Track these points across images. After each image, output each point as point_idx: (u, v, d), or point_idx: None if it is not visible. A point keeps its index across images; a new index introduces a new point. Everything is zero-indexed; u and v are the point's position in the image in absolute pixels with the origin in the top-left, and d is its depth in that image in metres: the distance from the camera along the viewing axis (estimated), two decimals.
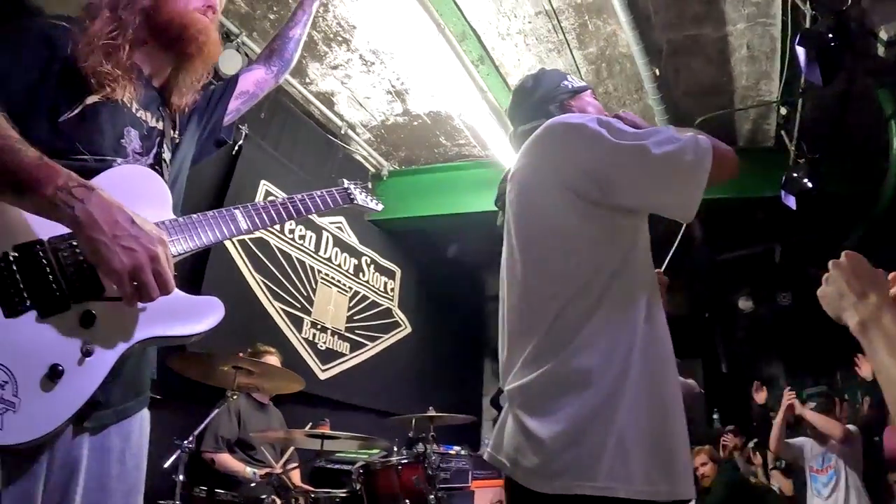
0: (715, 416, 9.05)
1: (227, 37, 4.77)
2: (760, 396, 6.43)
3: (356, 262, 6.61)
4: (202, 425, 3.52)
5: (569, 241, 1.58)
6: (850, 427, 5.22)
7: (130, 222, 1.18)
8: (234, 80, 2.00)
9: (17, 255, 1.18)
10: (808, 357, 9.96)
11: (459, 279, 8.89)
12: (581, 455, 1.37)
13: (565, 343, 1.48)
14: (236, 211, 1.60)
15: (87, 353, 1.20)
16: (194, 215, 1.50)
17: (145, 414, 1.55)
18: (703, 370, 8.80)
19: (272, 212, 1.71)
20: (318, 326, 5.86)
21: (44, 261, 1.20)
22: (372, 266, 6.87)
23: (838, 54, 4.28)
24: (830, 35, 4.22)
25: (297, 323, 5.61)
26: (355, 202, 2.11)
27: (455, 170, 7.15)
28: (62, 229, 1.20)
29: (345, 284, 6.34)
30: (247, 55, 4.87)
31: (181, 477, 3.21)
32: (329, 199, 1.93)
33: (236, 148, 5.20)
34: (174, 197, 1.55)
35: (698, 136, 1.57)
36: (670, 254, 3.01)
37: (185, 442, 3.27)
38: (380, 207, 2.26)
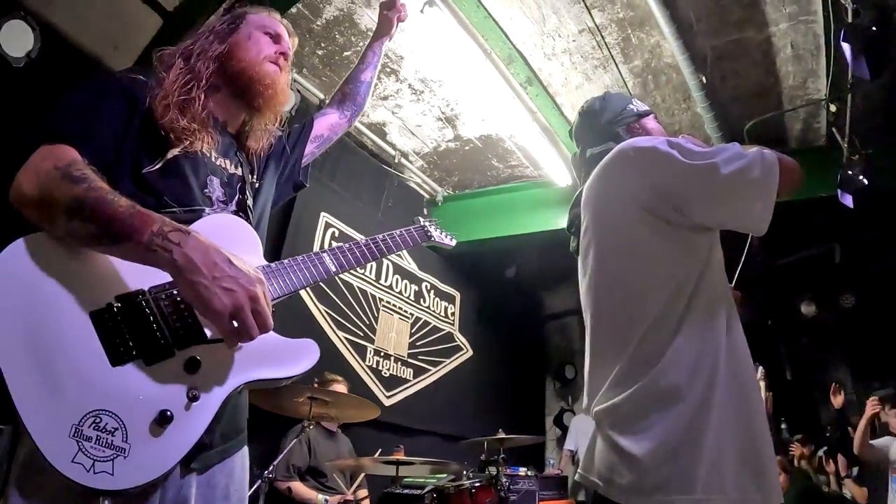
0: (783, 426, 8.80)
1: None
2: (837, 400, 6.26)
3: (416, 288, 6.67)
4: (280, 455, 3.57)
5: (648, 261, 1.61)
6: None
7: (229, 263, 1.21)
8: (309, 123, 2.05)
9: (120, 305, 1.20)
10: (875, 359, 9.63)
11: (518, 299, 8.89)
12: (677, 469, 1.39)
13: (652, 363, 1.51)
14: (324, 255, 1.64)
15: (193, 399, 1.23)
16: (285, 260, 1.54)
17: (245, 451, 1.60)
18: (768, 377, 8.59)
19: (357, 253, 1.75)
20: (382, 354, 5.91)
21: (146, 310, 1.22)
22: (432, 291, 6.91)
23: (884, 46, 4.21)
24: (874, 28, 4.15)
25: (361, 351, 5.67)
26: (433, 239, 2.17)
27: (509, 191, 7.17)
28: (161, 278, 1.23)
29: (406, 311, 6.39)
30: (299, 91, 4.98)
31: None
32: (409, 238, 1.99)
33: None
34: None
35: (763, 151, 1.60)
36: (738, 269, 2.98)
37: (266, 472, 3.32)
38: (453, 243, 2.34)
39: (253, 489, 3.30)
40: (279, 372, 1.40)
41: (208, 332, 1.27)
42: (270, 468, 3.37)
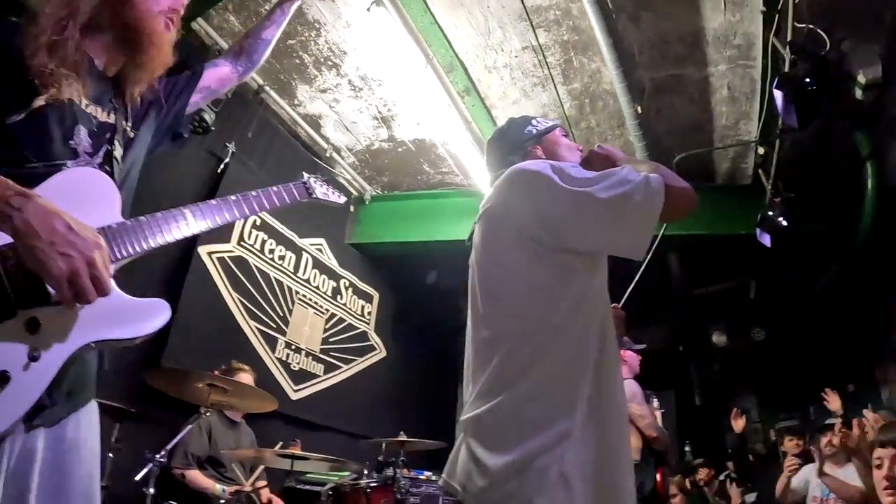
0: (686, 449, 9.11)
1: (218, 54, 4.85)
2: (738, 424, 6.54)
3: (335, 284, 6.67)
4: (174, 441, 3.55)
5: (522, 282, 1.67)
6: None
7: (67, 228, 1.21)
8: (198, 73, 1.96)
9: None
10: (781, 391, 10.08)
11: (435, 306, 8.95)
12: (525, 484, 1.45)
13: (514, 381, 1.57)
14: (186, 210, 1.59)
15: (33, 359, 1.22)
16: (143, 217, 1.50)
17: (94, 405, 1.54)
18: (676, 402, 8.89)
19: (224, 210, 1.69)
20: (293, 347, 5.89)
21: None
22: (350, 289, 6.93)
23: (816, 98, 4.40)
24: (808, 79, 4.34)
25: (272, 342, 5.65)
26: (314, 196, 2.12)
27: (437, 197, 7.27)
28: (7, 239, 1.22)
29: (322, 306, 6.39)
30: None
31: (152, 490, 3.24)
32: (286, 195, 1.92)
33: (222, 166, 5.26)
34: (125, 194, 1.55)
35: (650, 176, 1.64)
36: (628, 291, 3.12)
37: (157, 456, 3.30)
38: (342, 200, 2.28)
39: (142, 473, 3.28)
40: (125, 332, 1.38)
41: (52, 294, 1.26)
42: (162, 452, 3.34)
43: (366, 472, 4.72)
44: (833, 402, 5.80)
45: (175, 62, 1.69)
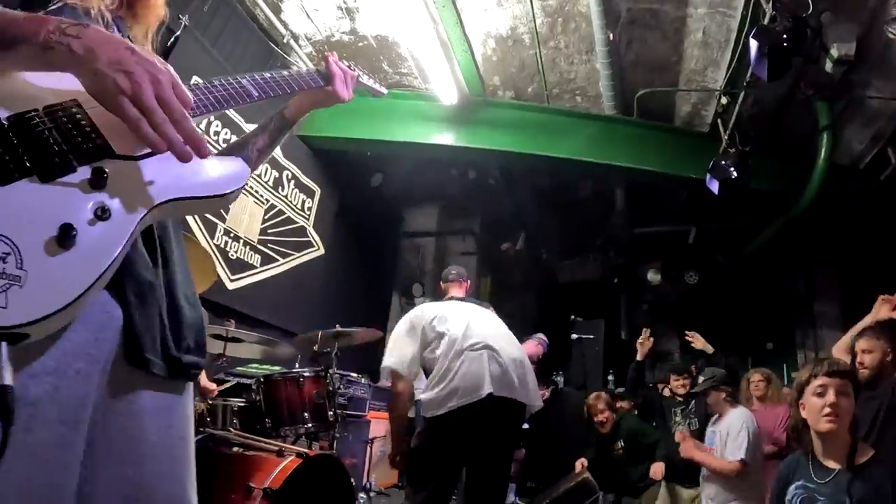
0: (610, 378, 9.65)
1: None
2: (643, 348, 6.53)
3: (277, 174, 6.71)
4: None
5: None
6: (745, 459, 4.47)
7: (131, 51, 1.12)
8: None
9: (8, 122, 1.09)
10: (704, 337, 10.66)
11: (378, 209, 9.11)
12: None
13: None
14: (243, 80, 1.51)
15: (101, 216, 1.09)
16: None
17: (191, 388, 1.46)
18: (605, 331, 9.34)
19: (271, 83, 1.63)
20: (231, 234, 5.97)
21: (41, 125, 1.11)
22: (293, 182, 6.97)
23: (788, 56, 4.64)
24: (785, 36, 4.56)
25: (211, 228, 5.73)
26: (359, 79, 2.00)
27: (392, 98, 7.25)
28: (61, 98, 1.15)
29: (262, 196, 6.44)
30: None
31: None
32: (308, 79, 1.80)
33: (173, 38, 5.18)
34: None
35: None
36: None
37: None
38: (384, 90, 2.18)
39: None
40: (205, 189, 1.29)
41: (115, 148, 1.16)
42: None
43: (297, 364, 4.93)
44: (697, 341, 6.18)
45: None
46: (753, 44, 4.73)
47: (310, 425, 4.07)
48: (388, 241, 9.76)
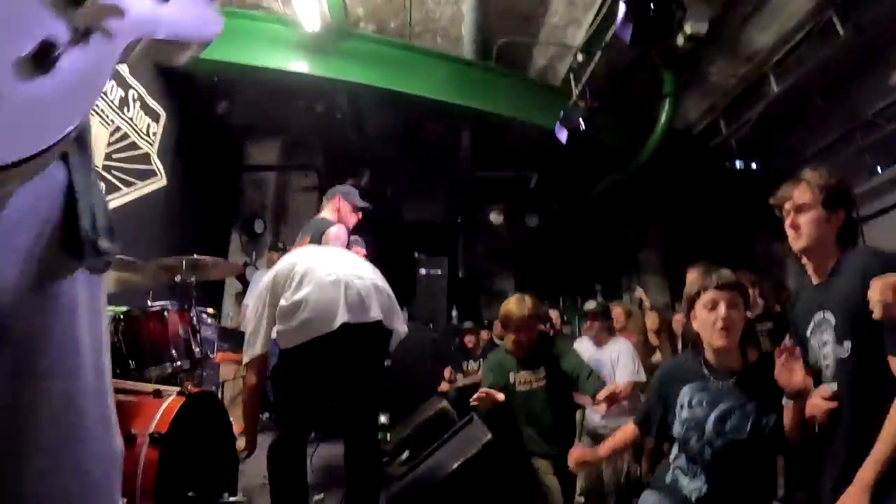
0: (454, 313, 9.97)
1: None
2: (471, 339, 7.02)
3: (123, 94, 6.17)
4: None
5: None
6: None
7: None
8: None
9: None
10: (538, 278, 11.27)
11: (221, 139, 8.73)
12: None
13: None
14: None
15: (81, 36, 0.87)
16: None
17: None
18: (449, 269, 9.63)
19: None
20: None
21: None
22: (138, 103, 6.48)
23: (652, 24, 4.99)
24: (653, 5, 4.90)
25: None
26: None
27: (246, 18, 6.93)
28: None
29: (108, 116, 5.90)
30: None
31: None
32: None
33: None
34: None
35: None
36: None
37: None
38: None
39: None
40: (178, 29, 1.12)
41: None
42: None
43: (150, 301, 4.63)
44: None
45: None
46: (622, 7, 5.03)
47: (178, 363, 3.81)
48: (228, 174, 9.36)
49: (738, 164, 8.96)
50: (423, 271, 9.05)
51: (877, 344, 2.16)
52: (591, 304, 5.58)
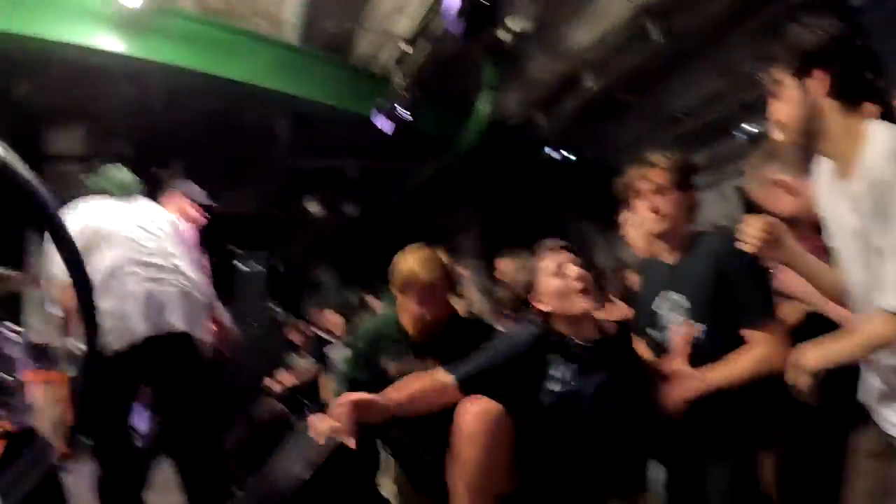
0: (276, 309, 9.76)
1: None
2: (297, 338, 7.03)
3: None
4: None
5: None
6: None
7: None
8: None
9: None
10: (358, 268, 11.26)
11: (18, 127, 7.92)
12: None
13: None
14: None
15: None
16: None
17: None
18: (268, 263, 9.39)
19: None
20: None
21: None
22: None
23: (481, 19, 5.07)
24: (485, 2, 5.07)
25: None
26: None
27: None
28: None
29: None
30: None
31: None
32: None
33: None
34: None
35: None
36: None
37: None
38: None
39: None
40: None
41: None
42: None
43: None
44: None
45: None
46: (455, 2, 5.06)
47: None
48: (28, 165, 8.53)
49: (552, 153, 9.30)
50: (241, 266, 8.74)
51: (730, 323, 2.29)
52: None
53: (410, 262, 2.92)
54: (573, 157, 9.50)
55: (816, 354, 1.73)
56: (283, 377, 6.91)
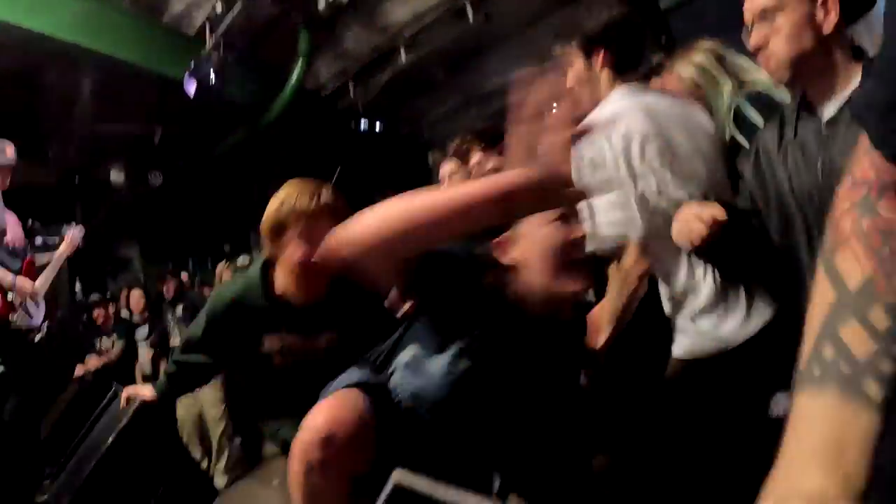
0: (77, 286, 9.17)
1: None
2: (170, 288, 6.88)
3: None
4: None
5: None
6: None
7: None
8: None
9: None
10: (165, 242, 10.79)
11: None
12: None
13: None
14: None
15: None
16: None
17: None
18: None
19: None
20: None
21: None
22: None
23: None
24: None
25: None
26: None
27: None
28: None
29: None
30: None
31: None
32: None
33: None
34: None
35: None
36: None
37: None
38: None
39: None
40: None
41: None
42: None
43: None
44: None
45: None
46: None
47: None
48: None
49: (363, 124, 9.32)
50: (39, 241, 8.09)
51: None
52: (243, 260, 5.63)
53: (289, 190, 2.45)
54: (384, 130, 9.54)
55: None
56: (90, 361, 6.54)
